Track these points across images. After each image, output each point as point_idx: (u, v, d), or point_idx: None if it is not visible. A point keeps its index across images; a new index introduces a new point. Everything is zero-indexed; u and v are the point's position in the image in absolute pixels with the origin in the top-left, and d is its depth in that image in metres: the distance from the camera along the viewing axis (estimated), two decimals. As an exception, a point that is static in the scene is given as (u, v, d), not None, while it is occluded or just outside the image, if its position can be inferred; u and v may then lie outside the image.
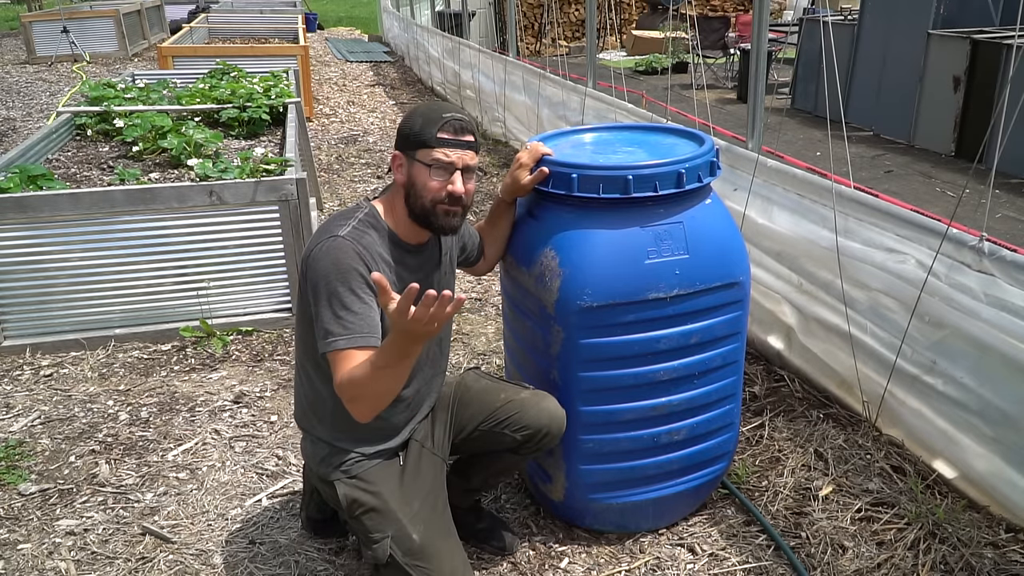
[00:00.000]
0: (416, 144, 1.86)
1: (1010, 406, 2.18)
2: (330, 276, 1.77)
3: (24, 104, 9.35)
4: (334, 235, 1.82)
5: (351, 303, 1.76)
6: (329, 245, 1.80)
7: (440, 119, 1.84)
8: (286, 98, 5.31)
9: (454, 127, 1.85)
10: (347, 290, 1.76)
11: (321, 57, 13.50)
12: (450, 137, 1.85)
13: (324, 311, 1.77)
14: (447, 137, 1.84)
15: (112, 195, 3.41)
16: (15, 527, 2.44)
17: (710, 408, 2.22)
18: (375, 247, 1.86)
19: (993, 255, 2.20)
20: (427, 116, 1.86)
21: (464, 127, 1.87)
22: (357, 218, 1.88)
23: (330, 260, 1.78)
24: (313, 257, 1.81)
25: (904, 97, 7.15)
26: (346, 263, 1.78)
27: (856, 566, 2.15)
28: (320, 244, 1.82)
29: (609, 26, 13.09)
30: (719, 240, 2.12)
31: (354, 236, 1.83)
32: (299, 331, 1.99)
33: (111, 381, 3.29)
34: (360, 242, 1.82)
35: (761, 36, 3.15)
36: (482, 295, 4.11)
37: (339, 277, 1.77)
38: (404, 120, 1.90)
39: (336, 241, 1.80)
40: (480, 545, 2.29)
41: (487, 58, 7.33)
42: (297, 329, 2.03)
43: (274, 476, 2.68)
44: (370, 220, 1.90)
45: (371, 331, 1.75)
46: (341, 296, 1.76)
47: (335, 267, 1.77)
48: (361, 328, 1.74)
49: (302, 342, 1.98)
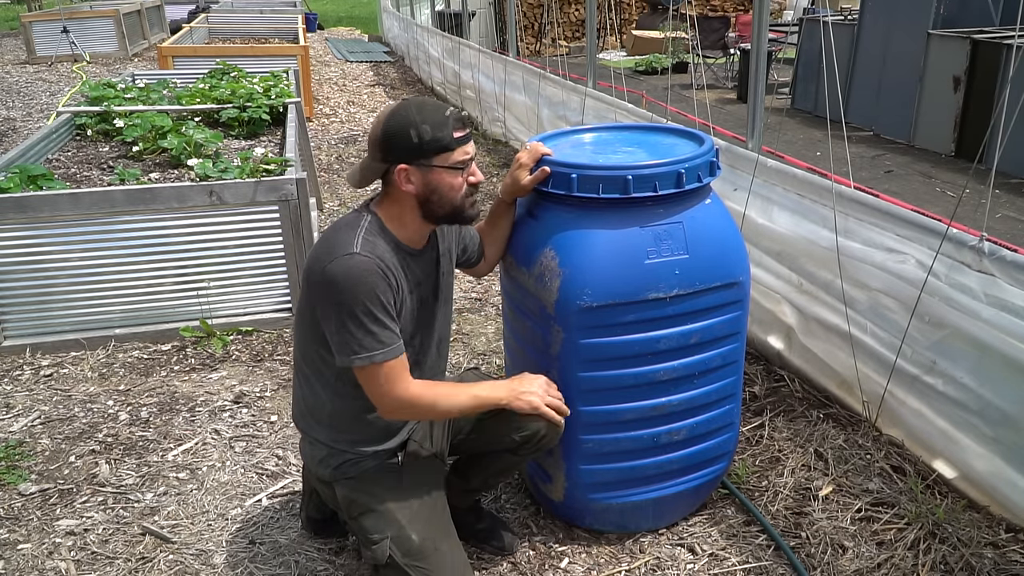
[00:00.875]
0: (433, 151, 1.80)
1: (1010, 406, 2.18)
2: (357, 293, 1.75)
3: (24, 104, 9.35)
4: (350, 252, 1.77)
5: (383, 318, 1.78)
6: (349, 264, 1.76)
7: (446, 120, 1.81)
8: (286, 98, 5.31)
9: (461, 121, 1.84)
10: (377, 305, 1.77)
11: (321, 57, 13.50)
12: (463, 133, 1.84)
13: (351, 326, 1.76)
14: (461, 135, 1.83)
15: (112, 195, 3.41)
16: (15, 527, 2.44)
17: (710, 408, 2.22)
18: (388, 257, 1.84)
19: (993, 255, 2.20)
20: (431, 120, 1.79)
21: (461, 116, 1.86)
22: (364, 228, 1.84)
23: (354, 277, 1.75)
24: (330, 273, 1.77)
25: (904, 97, 7.15)
26: (371, 281, 1.76)
27: (856, 566, 2.15)
28: (336, 260, 1.77)
29: (609, 26, 13.09)
30: (719, 240, 2.12)
31: (369, 250, 1.79)
32: (299, 336, 1.99)
33: (111, 381, 3.29)
34: (379, 257, 1.80)
35: (761, 36, 3.15)
36: (482, 295, 4.11)
37: (366, 294, 1.75)
38: (397, 129, 1.79)
39: (355, 259, 1.76)
40: (480, 545, 2.29)
41: (487, 58, 7.33)
42: (296, 333, 2.02)
43: (274, 476, 2.68)
44: (376, 230, 1.86)
45: (400, 343, 1.83)
46: (372, 310, 1.76)
47: (361, 284, 1.75)
48: (393, 340, 1.80)
49: (302, 347, 1.98)
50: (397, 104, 1.84)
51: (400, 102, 1.84)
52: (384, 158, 1.83)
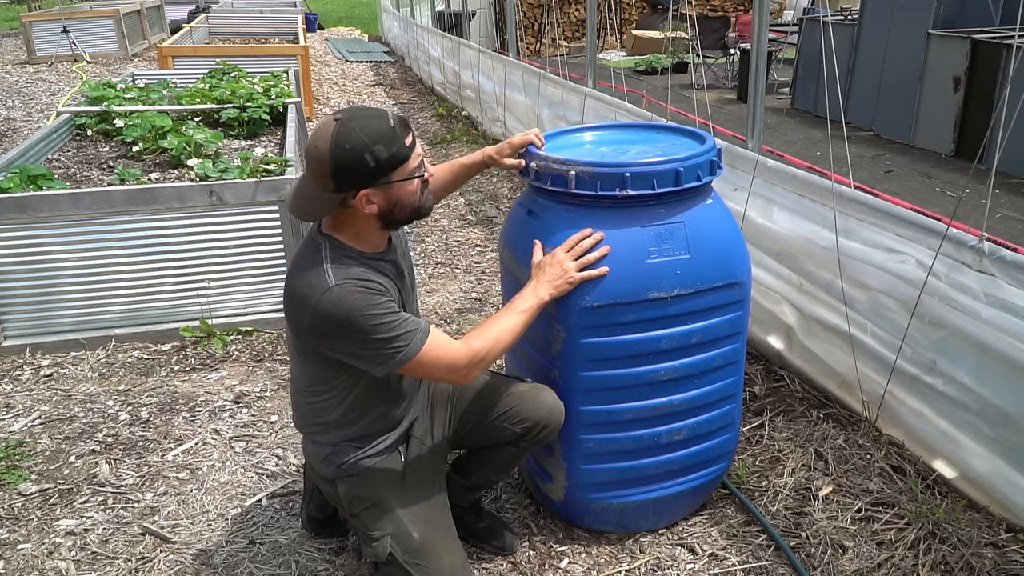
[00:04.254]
0: (391, 168, 1.73)
1: (1010, 406, 2.18)
2: (358, 313, 1.71)
3: (24, 104, 9.35)
4: (327, 288, 1.72)
5: (392, 315, 1.75)
6: (333, 297, 1.72)
7: (394, 131, 1.72)
8: (286, 98, 5.31)
9: (404, 125, 1.77)
10: (381, 309, 1.74)
11: (321, 57, 13.50)
12: (411, 137, 1.78)
13: (372, 340, 1.74)
14: (410, 139, 1.77)
15: (112, 195, 3.41)
16: (15, 527, 2.44)
17: (711, 408, 2.22)
18: (363, 272, 1.80)
19: (993, 255, 2.20)
20: (381, 136, 1.70)
21: (401, 118, 1.79)
22: (327, 259, 1.78)
23: (347, 304, 1.71)
24: (321, 314, 1.72)
25: (904, 97, 7.15)
26: (363, 297, 1.73)
27: (856, 566, 2.15)
28: (319, 302, 1.72)
29: (609, 26, 13.09)
30: (720, 240, 2.12)
31: (343, 276, 1.74)
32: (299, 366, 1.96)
33: (111, 381, 3.29)
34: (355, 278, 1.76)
35: (761, 36, 3.15)
36: (482, 295, 4.11)
37: (367, 308, 1.72)
38: (350, 157, 1.68)
39: (336, 291, 1.72)
40: (480, 545, 2.30)
41: (487, 58, 7.33)
42: (295, 364, 1.99)
43: (274, 476, 2.68)
44: (339, 255, 1.80)
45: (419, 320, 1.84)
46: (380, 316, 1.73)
47: (357, 304, 1.72)
48: (414, 323, 1.79)
49: (307, 373, 1.95)
50: (335, 127, 1.69)
51: (337, 124, 1.70)
52: (339, 188, 1.72)
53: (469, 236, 4.96)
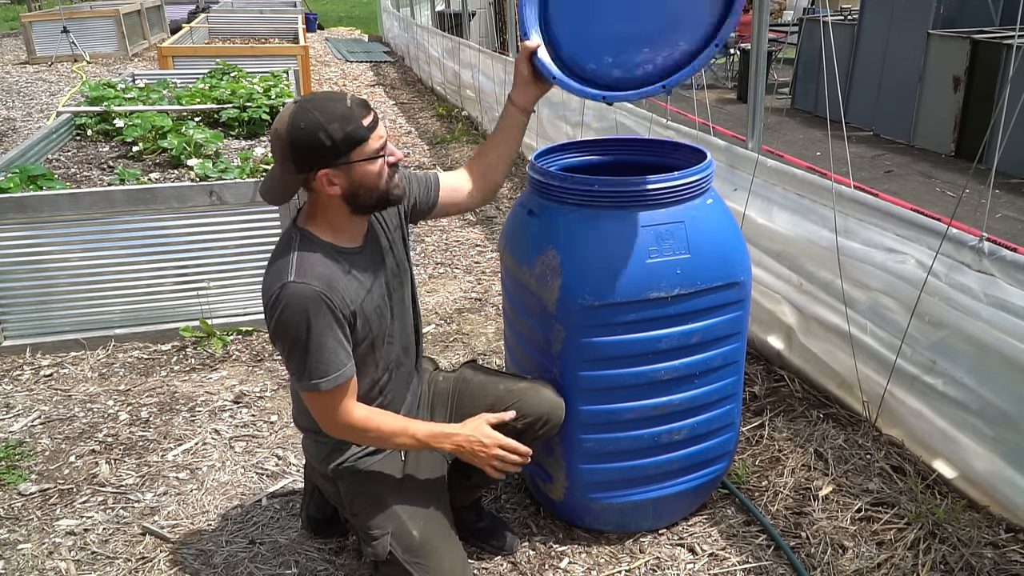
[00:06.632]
0: (348, 148, 1.73)
1: (1010, 406, 2.18)
2: (295, 324, 1.74)
3: (24, 104, 9.35)
4: (284, 282, 1.74)
5: (328, 342, 1.77)
6: (285, 294, 1.74)
7: (351, 110, 1.73)
8: (286, 98, 5.31)
9: (364, 107, 1.77)
10: (319, 331, 1.75)
11: (321, 57, 13.50)
12: (371, 118, 1.77)
13: (296, 354, 1.77)
14: (370, 120, 1.77)
15: (112, 195, 3.41)
16: (15, 527, 2.44)
17: (711, 408, 2.22)
18: (327, 271, 1.80)
19: (993, 255, 2.20)
20: (337, 116, 1.71)
21: (361, 101, 1.79)
22: (295, 250, 1.79)
23: (291, 308, 1.74)
24: (270, 306, 1.77)
25: (904, 97, 7.15)
26: (308, 308, 1.74)
27: (856, 566, 2.15)
28: (274, 295, 1.76)
29: (609, 26, 13.05)
30: (720, 240, 2.12)
31: (303, 274, 1.76)
32: None
33: (111, 381, 3.29)
34: (317, 277, 1.76)
35: (761, 36, 3.15)
36: (482, 295, 4.11)
37: (305, 324, 1.74)
38: (305, 137, 1.70)
39: (289, 289, 1.74)
40: (480, 545, 2.30)
41: (487, 58, 7.33)
42: None
43: (274, 476, 2.68)
44: (308, 246, 1.81)
45: (346, 368, 1.81)
46: (314, 338, 1.75)
47: (297, 314, 1.73)
48: (338, 366, 1.79)
49: None
50: (293, 110, 1.72)
51: (295, 106, 1.73)
52: (299, 169, 1.74)
53: (469, 236, 4.96)
